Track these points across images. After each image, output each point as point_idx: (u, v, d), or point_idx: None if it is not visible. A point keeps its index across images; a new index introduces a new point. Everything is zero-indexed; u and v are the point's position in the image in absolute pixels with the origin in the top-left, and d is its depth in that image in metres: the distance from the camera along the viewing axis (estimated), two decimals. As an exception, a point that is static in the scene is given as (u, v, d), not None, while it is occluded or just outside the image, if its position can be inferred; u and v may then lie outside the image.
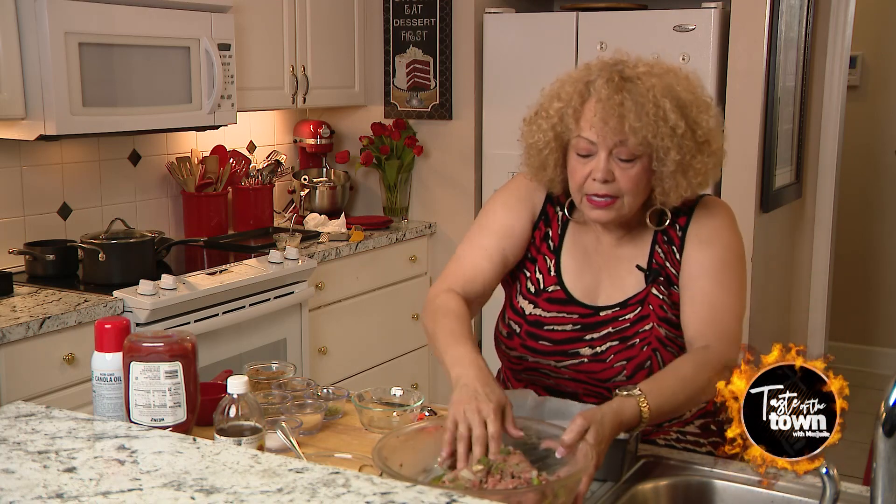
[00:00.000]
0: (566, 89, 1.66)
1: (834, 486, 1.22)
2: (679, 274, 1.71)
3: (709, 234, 1.71)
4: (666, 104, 1.59)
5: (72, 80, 2.82)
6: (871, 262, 5.28)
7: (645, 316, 1.69)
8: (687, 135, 1.61)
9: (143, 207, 3.57)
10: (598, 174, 1.62)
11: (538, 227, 1.80)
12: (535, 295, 1.77)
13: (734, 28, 3.56)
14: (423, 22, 4.06)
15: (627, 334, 1.69)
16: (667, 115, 1.59)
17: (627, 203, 1.65)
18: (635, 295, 1.71)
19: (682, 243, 1.71)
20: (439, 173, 4.15)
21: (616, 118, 1.58)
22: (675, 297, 1.71)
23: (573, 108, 1.63)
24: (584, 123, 1.62)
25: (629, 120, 1.58)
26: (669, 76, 1.63)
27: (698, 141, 1.62)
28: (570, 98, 1.64)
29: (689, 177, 1.63)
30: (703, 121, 1.63)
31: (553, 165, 1.70)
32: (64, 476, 1.18)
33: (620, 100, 1.59)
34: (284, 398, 1.80)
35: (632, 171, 1.62)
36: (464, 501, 1.10)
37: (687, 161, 1.62)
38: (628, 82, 1.61)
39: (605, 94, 1.60)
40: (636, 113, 1.58)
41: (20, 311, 2.60)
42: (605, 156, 1.61)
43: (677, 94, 1.61)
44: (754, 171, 3.62)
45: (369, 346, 3.83)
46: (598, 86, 1.61)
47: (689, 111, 1.62)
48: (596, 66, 1.67)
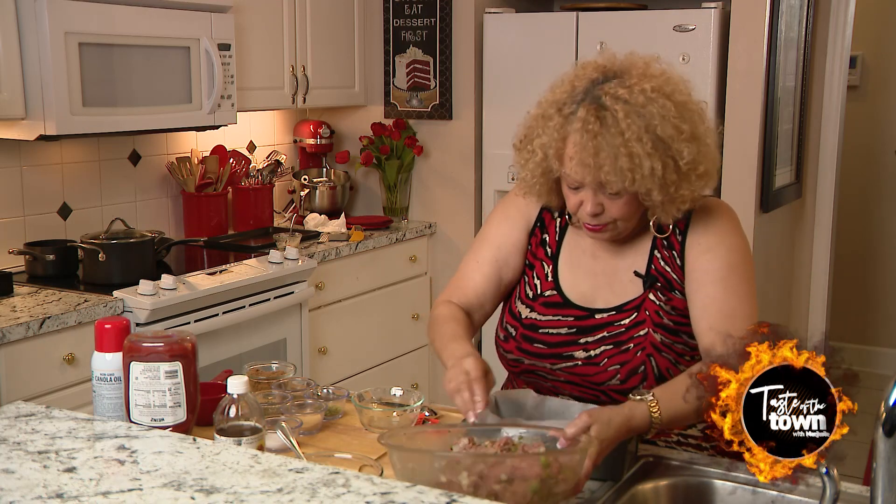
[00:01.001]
0: (549, 123, 1.63)
1: (834, 486, 1.22)
2: (683, 281, 1.70)
3: (711, 239, 1.69)
4: (641, 150, 1.55)
5: (72, 80, 2.82)
6: (871, 262, 5.28)
7: (641, 321, 1.69)
8: (669, 170, 1.58)
9: (143, 207, 3.57)
10: (587, 208, 1.64)
11: (534, 233, 1.82)
12: (531, 299, 1.78)
13: (734, 28, 3.56)
14: (423, 22, 4.06)
15: (622, 339, 1.69)
16: (642, 163, 1.55)
17: (622, 226, 1.67)
18: (632, 300, 1.71)
19: (682, 248, 1.70)
20: (439, 173, 4.15)
21: (592, 168, 1.57)
22: (675, 303, 1.70)
23: (555, 147, 1.62)
24: (565, 165, 1.62)
25: (605, 171, 1.56)
26: (651, 107, 1.57)
27: (682, 171, 1.59)
28: (552, 136, 1.62)
29: (677, 204, 1.63)
30: (686, 150, 1.58)
31: (547, 193, 1.73)
32: (64, 476, 1.18)
33: (594, 149, 1.56)
34: (284, 398, 1.80)
35: (620, 202, 1.63)
36: (464, 501, 1.10)
37: (672, 193, 1.61)
38: (603, 125, 1.56)
39: (580, 143, 1.57)
40: (611, 164, 1.55)
41: (20, 311, 2.60)
42: (592, 192, 1.62)
43: (655, 130, 1.56)
44: (754, 171, 3.61)
45: (369, 346, 3.83)
46: (575, 129, 1.58)
47: (671, 145, 1.57)
48: (580, 85, 1.63)
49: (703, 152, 1.62)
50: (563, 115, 1.62)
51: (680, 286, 1.70)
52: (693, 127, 1.60)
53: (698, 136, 1.61)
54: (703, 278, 1.68)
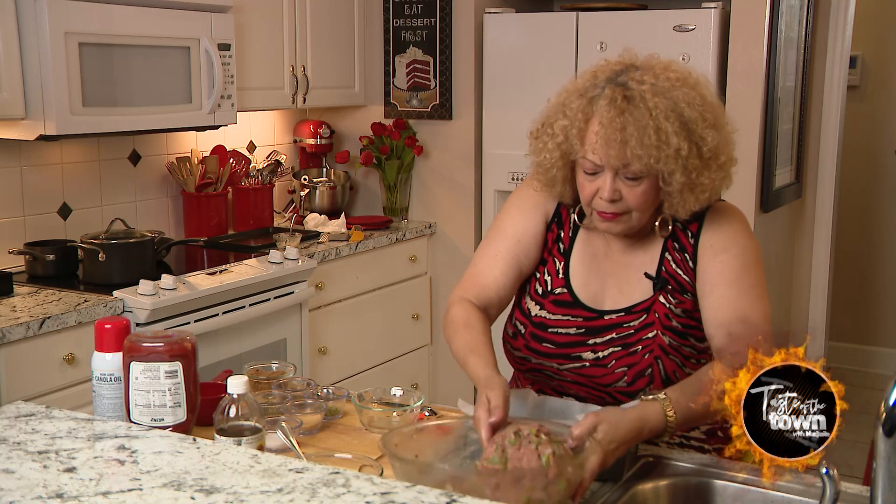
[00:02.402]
0: (571, 105, 1.63)
1: (834, 486, 1.22)
2: (695, 283, 1.69)
3: (723, 241, 1.69)
4: (668, 127, 1.56)
5: (72, 80, 2.82)
6: (871, 262, 5.28)
7: (650, 323, 1.68)
8: (692, 154, 1.58)
9: (143, 207, 3.57)
10: (604, 193, 1.62)
11: (551, 228, 1.80)
12: (541, 296, 1.77)
13: (734, 28, 3.56)
14: (423, 22, 4.06)
15: (630, 341, 1.69)
16: (669, 140, 1.56)
17: (636, 217, 1.66)
18: (641, 302, 1.70)
19: (694, 251, 1.70)
20: (439, 173, 4.15)
21: (618, 144, 1.56)
22: (686, 305, 1.69)
23: (577, 127, 1.61)
24: (587, 145, 1.60)
25: (631, 146, 1.56)
26: (676, 92, 1.59)
27: (704, 158, 1.60)
28: (575, 116, 1.61)
29: (696, 193, 1.62)
30: (710, 136, 1.59)
31: (562, 181, 1.70)
32: (64, 476, 1.18)
33: (622, 124, 1.56)
34: (284, 398, 1.80)
35: (638, 189, 1.61)
36: (464, 501, 1.10)
37: (693, 179, 1.60)
38: (631, 103, 1.57)
39: (608, 117, 1.57)
40: (638, 139, 1.55)
41: (20, 311, 2.60)
42: (611, 176, 1.61)
43: (681, 112, 1.58)
44: (754, 171, 3.62)
45: (369, 346, 3.83)
46: (601, 106, 1.58)
47: (695, 129, 1.58)
48: (603, 74, 1.64)
49: (724, 143, 1.63)
50: (586, 97, 1.62)
51: (692, 288, 1.69)
52: (715, 117, 1.62)
53: (720, 126, 1.63)
54: (717, 279, 1.67)
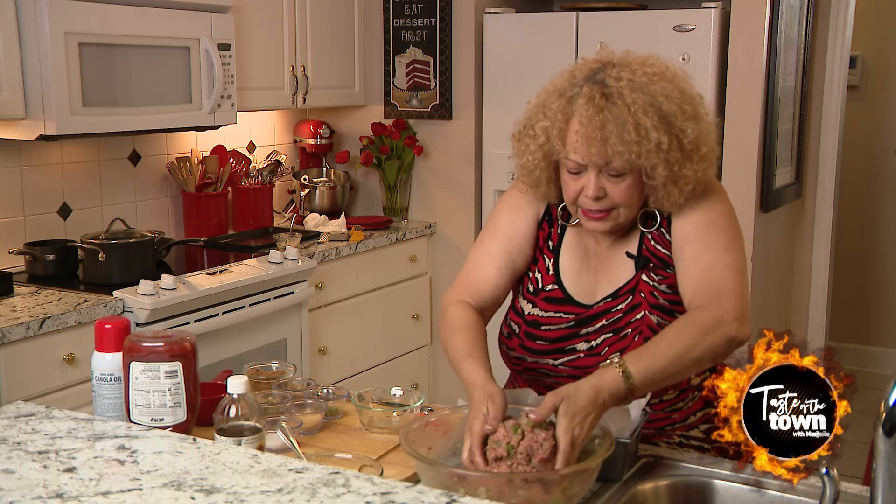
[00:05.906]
0: (551, 105, 1.64)
1: (834, 486, 1.22)
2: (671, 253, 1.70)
3: (692, 204, 1.69)
4: (648, 122, 1.57)
5: (72, 80, 2.82)
6: (871, 262, 5.28)
7: (636, 305, 1.70)
8: (673, 147, 1.59)
9: (143, 207, 3.57)
10: (589, 192, 1.63)
11: (542, 226, 1.81)
12: (533, 294, 1.78)
13: (734, 28, 3.56)
14: (423, 22, 4.06)
15: (620, 325, 1.70)
16: (649, 134, 1.57)
17: (623, 213, 1.67)
18: (626, 283, 1.72)
19: (669, 223, 1.71)
20: (439, 173, 4.15)
21: (599, 141, 1.57)
22: (670, 280, 1.70)
23: (558, 128, 1.62)
24: (569, 145, 1.61)
25: (611, 143, 1.57)
26: (654, 86, 1.60)
27: (686, 150, 1.61)
28: (555, 116, 1.62)
29: (679, 185, 1.64)
30: (690, 128, 1.61)
31: (546, 182, 1.72)
32: (64, 476, 1.18)
33: (602, 122, 1.57)
34: (284, 398, 1.80)
35: (622, 185, 1.63)
36: (464, 501, 1.10)
37: (676, 172, 1.61)
38: (609, 100, 1.58)
39: (587, 116, 1.58)
40: (618, 135, 1.56)
41: (20, 311, 2.60)
42: (595, 174, 1.62)
43: (660, 106, 1.59)
44: (754, 171, 3.62)
45: (369, 346, 3.83)
46: (580, 105, 1.59)
47: (674, 122, 1.59)
48: (580, 73, 1.65)
49: (705, 133, 1.64)
50: (565, 97, 1.63)
51: (672, 261, 1.71)
52: (694, 109, 1.63)
53: (700, 118, 1.64)
54: (684, 240, 1.69)
